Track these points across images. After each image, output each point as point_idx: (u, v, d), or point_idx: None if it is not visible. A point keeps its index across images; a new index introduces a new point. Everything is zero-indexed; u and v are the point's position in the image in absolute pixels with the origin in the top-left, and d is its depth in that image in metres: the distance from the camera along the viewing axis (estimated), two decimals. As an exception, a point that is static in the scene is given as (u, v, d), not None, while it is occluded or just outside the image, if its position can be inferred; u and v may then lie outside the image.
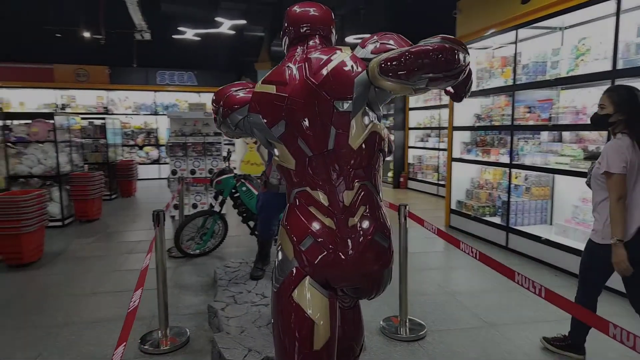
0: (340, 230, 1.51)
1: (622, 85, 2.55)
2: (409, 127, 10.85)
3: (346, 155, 1.53)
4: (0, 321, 3.39)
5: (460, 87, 1.66)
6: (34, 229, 4.68)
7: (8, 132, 6.48)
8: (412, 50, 1.39)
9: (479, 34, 5.88)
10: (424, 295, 3.90)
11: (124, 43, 10.67)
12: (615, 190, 2.32)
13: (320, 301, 1.50)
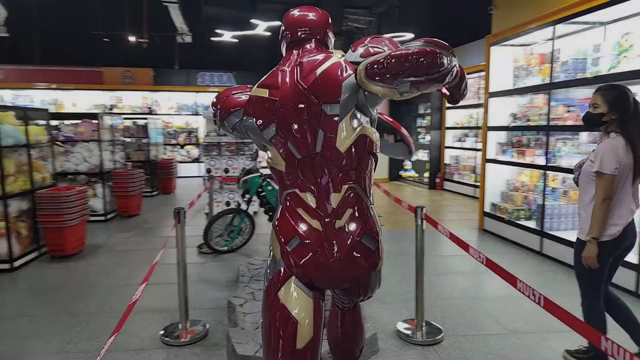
0: (327, 232, 1.52)
1: (615, 84, 2.52)
2: (445, 126, 10.60)
3: (334, 158, 1.54)
4: (40, 308, 3.65)
5: (455, 90, 1.64)
6: (76, 223, 4.98)
7: (57, 132, 6.93)
8: (393, 54, 1.38)
9: (516, 31, 5.66)
10: (446, 300, 3.82)
11: (166, 46, 11.12)
12: (603, 190, 2.33)
13: (305, 301, 1.53)
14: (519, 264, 4.82)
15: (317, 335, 1.54)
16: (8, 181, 4.49)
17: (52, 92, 11.78)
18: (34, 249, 4.93)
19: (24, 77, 11.40)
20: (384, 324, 3.37)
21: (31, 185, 4.90)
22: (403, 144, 3.42)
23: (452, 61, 1.39)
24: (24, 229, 4.80)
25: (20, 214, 4.76)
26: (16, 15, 9.66)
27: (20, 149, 4.83)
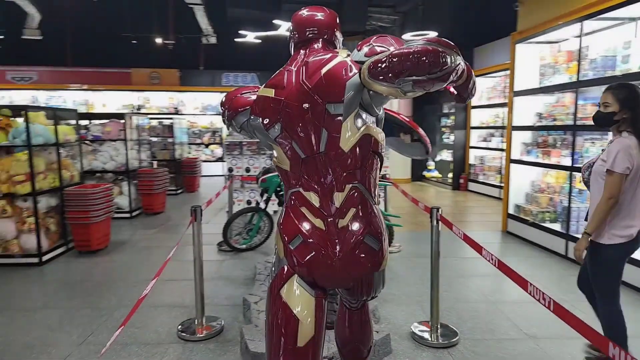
0: (330, 232, 1.52)
1: (626, 83, 2.49)
2: (470, 126, 10.41)
3: (338, 157, 1.54)
4: (65, 301, 3.78)
5: (462, 89, 1.61)
6: (101, 220, 5.14)
7: (86, 131, 7.17)
8: (394, 52, 1.37)
9: (542, 27, 5.50)
10: (464, 302, 3.75)
11: (192, 47, 11.34)
12: (610, 188, 2.29)
13: (307, 300, 1.53)
14: (543, 268, 4.68)
15: (318, 333, 1.54)
16: (38, 179, 4.68)
17: (83, 92, 12.19)
18: (62, 244, 5.11)
19: (57, 78, 11.85)
20: (399, 325, 3.34)
21: (60, 183, 5.08)
22: (420, 143, 3.39)
23: (456, 60, 1.36)
24: (53, 225, 4.98)
25: (49, 210, 4.94)
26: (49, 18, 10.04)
27: (50, 147, 5.02)
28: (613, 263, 2.38)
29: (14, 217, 4.65)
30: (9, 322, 3.37)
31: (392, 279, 4.32)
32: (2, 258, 4.64)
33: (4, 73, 11.45)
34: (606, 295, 2.42)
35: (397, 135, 3.45)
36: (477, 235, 5.72)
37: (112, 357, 2.86)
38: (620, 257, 2.38)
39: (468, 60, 8.22)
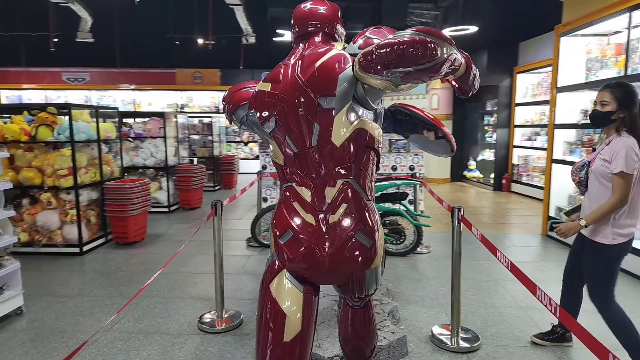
0: (321, 227, 1.50)
1: (623, 82, 2.44)
2: (514, 124, 9.97)
3: (329, 152, 1.52)
4: (99, 290, 3.98)
5: (462, 82, 1.55)
6: (138, 213, 5.36)
7: (129, 129, 7.51)
8: (380, 43, 1.32)
9: (589, 19, 5.17)
10: (491, 307, 3.60)
11: (232, 47, 11.59)
12: (623, 190, 2.25)
13: (296, 295, 1.52)
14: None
15: (306, 329, 1.52)
16: (80, 173, 4.94)
17: (131, 92, 12.78)
18: (101, 236, 5.38)
19: (107, 79, 12.50)
20: (419, 327, 3.25)
21: (101, 177, 5.35)
22: (445, 141, 3.28)
23: (448, 50, 1.30)
24: (93, 217, 5.26)
25: (90, 203, 5.22)
26: (100, 22, 10.59)
27: (92, 143, 5.29)
28: (615, 262, 2.39)
29: (58, 209, 4.94)
30: (46, 307, 3.59)
31: (418, 280, 4.22)
32: (46, 247, 4.95)
33: (59, 74, 12.22)
34: (604, 295, 2.40)
35: (421, 132, 3.37)
36: (515, 238, 5.49)
37: (134, 345, 2.98)
38: (620, 256, 2.39)
39: (513, 56, 7.92)
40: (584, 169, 2.43)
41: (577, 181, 2.49)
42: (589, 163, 2.43)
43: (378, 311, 3.19)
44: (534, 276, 4.55)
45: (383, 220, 4.91)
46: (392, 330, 2.92)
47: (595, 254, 2.43)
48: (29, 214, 4.94)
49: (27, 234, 4.93)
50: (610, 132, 2.40)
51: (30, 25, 10.73)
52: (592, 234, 2.43)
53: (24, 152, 5.00)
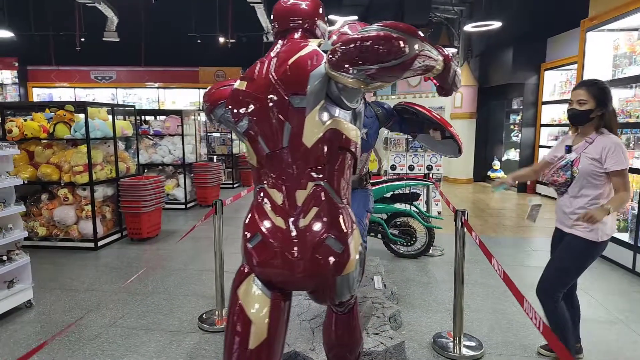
0: (290, 231, 1.45)
1: (598, 80, 2.43)
2: (540, 123, 9.61)
3: (300, 153, 1.46)
4: (107, 285, 4.05)
5: (441, 80, 1.47)
6: (151, 209, 5.45)
7: (148, 126, 7.64)
8: (344, 39, 1.25)
9: (617, 12, 4.91)
10: (502, 314, 3.46)
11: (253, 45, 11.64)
12: (628, 185, 2.28)
13: (262, 301, 1.47)
14: (602, 280, 4.19)
15: (272, 337, 1.47)
16: (95, 169, 5.05)
17: (155, 90, 13.04)
18: (117, 231, 5.49)
19: (132, 77, 12.79)
20: (422, 333, 3.15)
21: (116, 174, 5.45)
22: (453, 141, 3.17)
23: (419, 47, 1.22)
24: (109, 213, 5.37)
25: (106, 199, 5.33)
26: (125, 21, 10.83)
27: (108, 141, 5.40)
28: (591, 260, 2.42)
29: (74, 205, 5.07)
30: (55, 301, 3.67)
31: (427, 284, 4.11)
32: (63, 241, 5.09)
33: (88, 73, 12.59)
34: (558, 290, 2.42)
35: (427, 131, 3.26)
36: (535, 242, 5.30)
37: (133, 342, 3.00)
38: (598, 254, 2.43)
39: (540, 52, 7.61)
40: (568, 169, 2.37)
41: (562, 182, 2.41)
42: (572, 163, 2.36)
43: (379, 315, 3.11)
44: None
45: (394, 222, 4.81)
46: (390, 336, 2.84)
47: (577, 248, 2.40)
48: (47, 209, 5.08)
49: (45, 228, 5.08)
50: (588, 131, 2.40)
51: (59, 25, 11.09)
52: (577, 230, 2.38)
53: (43, 149, 5.15)
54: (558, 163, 2.42)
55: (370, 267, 4.13)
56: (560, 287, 2.43)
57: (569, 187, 2.39)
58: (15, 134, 4.97)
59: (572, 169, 2.34)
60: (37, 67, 12.39)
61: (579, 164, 2.34)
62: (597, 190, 2.34)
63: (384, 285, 3.71)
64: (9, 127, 4.96)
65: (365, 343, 2.74)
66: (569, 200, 2.42)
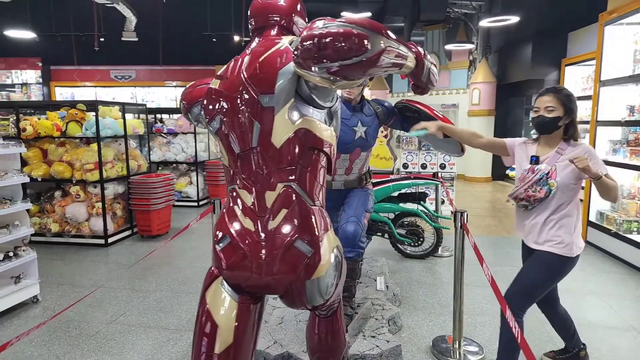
0: (259, 233, 1.41)
1: (563, 87, 2.31)
2: (561, 121, 9.31)
3: (269, 153, 1.42)
4: (113, 281, 4.11)
5: (416, 78, 1.42)
6: (161, 207, 5.50)
7: (162, 125, 7.73)
8: (303, 36, 1.21)
9: (635, 5, 4.69)
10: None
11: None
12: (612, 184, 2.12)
13: (230, 305, 1.44)
14: (620, 285, 4.03)
15: (239, 342, 1.44)
16: (105, 167, 5.13)
17: (173, 89, 13.19)
18: (127, 228, 5.58)
19: (151, 76, 12.97)
20: (422, 336, 3.08)
21: (127, 172, 5.53)
22: (454, 140, 3.09)
23: (384, 44, 1.17)
24: (119, 210, 5.45)
25: (116, 196, 5.41)
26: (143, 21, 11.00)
27: (119, 139, 5.48)
28: (561, 276, 2.28)
29: (85, 202, 5.16)
30: (61, 296, 3.74)
31: (432, 285, 4.02)
32: (75, 238, 5.20)
33: (108, 72, 12.83)
34: (523, 306, 2.24)
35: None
36: None
37: (131, 339, 3.03)
38: (569, 270, 2.28)
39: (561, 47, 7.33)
40: (545, 183, 2.18)
41: (541, 197, 2.20)
42: (546, 175, 2.18)
43: (377, 317, 3.05)
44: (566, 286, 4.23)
45: (401, 221, 4.72)
46: (387, 339, 2.78)
47: (550, 264, 2.24)
48: (60, 206, 5.19)
49: (58, 224, 5.19)
50: (554, 140, 2.25)
51: (80, 26, 11.32)
52: (550, 246, 2.23)
53: (56, 147, 5.26)
54: (530, 177, 2.21)
55: (374, 267, 4.07)
56: (526, 303, 2.27)
57: (547, 202, 2.21)
58: (29, 132, 5.09)
59: (549, 182, 2.17)
60: (60, 67, 12.70)
61: (556, 176, 2.18)
62: (569, 199, 2.22)
63: (386, 286, 3.64)
64: (23, 126, 5.08)
65: (361, 346, 2.69)
66: (543, 215, 2.25)
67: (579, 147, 2.20)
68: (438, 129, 2.53)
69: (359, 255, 2.99)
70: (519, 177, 2.29)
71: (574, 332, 2.58)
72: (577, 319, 3.19)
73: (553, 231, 2.21)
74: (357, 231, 2.94)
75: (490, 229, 6.14)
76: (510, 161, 2.46)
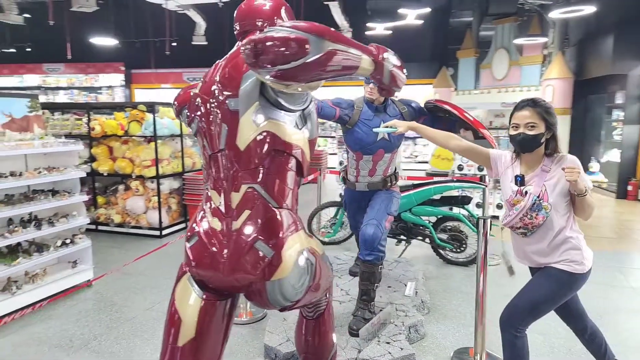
0: (224, 233, 1.45)
1: (539, 98, 2.07)
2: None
3: (234, 155, 1.45)
4: (156, 270, 4.41)
5: (377, 80, 1.38)
6: (212, 203, 5.78)
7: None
8: (244, 41, 1.22)
9: None
10: (541, 335, 3.10)
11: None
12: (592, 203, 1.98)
13: (194, 300, 1.49)
14: None
15: (200, 337, 1.48)
16: (162, 164, 5.50)
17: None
18: (181, 221, 5.94)
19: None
20: (444, 347, 2.95)
21: (182, 169, 5.88)
22: (486, 141, 2.95)
23: (327, 47, 1.14)
24: (174, 204, 5.82)
25: (172, 191, 5.78)
26: (212, 26, 11.60)
27: (176, 138, 5.85)
28: (571, 293, 2.11)
29: (143, 196, 5.58)
30: (111, 282, 4.08)
31: (468, 294, 3.82)
32: (134, 228, 5.64)
33: (181, 74, 13.75)
34: (526, 323, 2.10)
35: (457, 131, 3.05)
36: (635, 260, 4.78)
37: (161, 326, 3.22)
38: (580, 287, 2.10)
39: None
40: (540, 207, 1.97)
41: (539, 223, 2.00)
42: (538, 199, 1.97)
43: (397, 323, 2.98)
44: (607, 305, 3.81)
45: (443, 226, 4.54)
46: (401, 346, 2.70)
47: (560, 281, 2.05)
48: (122, 199, 5.66)
49: (120, 216, 5.66)
50: (536, 157, 2.06)
51: (157, 32, 12.23)
52: (561, 264, 2.04)
53: (120, 144, 5.73)
54: (522, 204, 2.00)
55: (408, 272, 3.96)
56: (529, 319, 2.09)
57: (546, 227, 2.01)
58: (98, 131, 5.61)
59: (543, 205, 1.97)
60: (139, 71, 13.83)
61: (547, 197, 1.98)
62: (567, 218, 2.04)
63: (415, 292, 3.53)
64: (93, 125, 5.61)
65: (372, 351, 2.64)
66: (545, 241, 2.05)
67: (565, 160, 2.01)
68: (408, 128, 2.38)
69: (379, 259, 2.93)
70: (507, 199, 2.11)
71: (605, 349, 2.33)
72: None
73: (559, 253, 2.04)
74: (376, 234, 2.88)
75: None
76: (492, 174, 2.27)
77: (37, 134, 3.83)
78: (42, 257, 3.53)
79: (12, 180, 3.35)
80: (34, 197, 3.58)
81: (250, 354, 2.88)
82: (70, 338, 3.06)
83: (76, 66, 13.98)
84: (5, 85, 15.09)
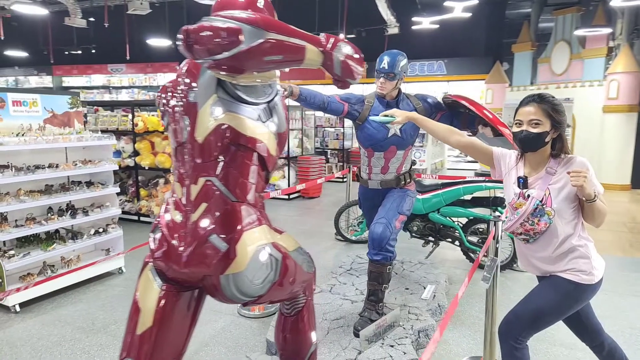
0: (183, 225, 1.46)
1: (547, 94, 1.90)
2: None
3: (193, 147, 1.46)
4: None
5: (329, 71, 1.32)
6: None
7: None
8: (180, 30, 1.19)
9: None
10: (549, 344, 2.92)
11: (375, 39, 11.55)
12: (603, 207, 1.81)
13: (152, 290, 1.52)
14: None
15: (157, 326, 1.49)
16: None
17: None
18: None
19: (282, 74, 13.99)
20: (455, 353, 2.82)
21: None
22: (505, 138, 2.81)
23: (262, 36, 1.11)
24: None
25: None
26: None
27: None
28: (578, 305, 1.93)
29: (180, 189, 5.81)
30: (141, 270, 4.28)
31: (494, 300, 3.61)
32: (171, 220, 5.89)
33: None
34: (527, 334, 1.94)
35: (475, 128, 2.90)
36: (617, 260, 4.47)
37: (178, 314, 3.34)
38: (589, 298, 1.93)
39: None
40: (542, 213, 1.80)
41: (542, 230, 1.83)
42: (540, 204, 1.80)
43: (405, 327, 2.87)
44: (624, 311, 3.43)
45: (473, 228, 4.32)
46: (405, 350, 2.60)
47: (568, 292, 1.87)
48: (162, 192, 5.93)
49: (159, 208, 5.94)
50: (541, 157, 1.89)
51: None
52: (568, 273, 1.86)
53: (161, 140, 6.00)
54: (523, 208, 1.84)
55: (430, 274, 3.82)
56: (531, 330, 1.93)
57: (550, 234, 1.85)
58: (141, 127, 5.91)
59: (546, 210, 1.80)
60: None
61: (551, 202, 1.80)
62: (574, 225, 1.87)
63: (433, 295, 3.39)
64: (137, 122, 5.92)
65: (374, 353, 2.57)
66: (550, 249, 1.88)
67: (574, 162, 1.82)
68: (407, 118, 2.29)
69: (387, 259, 2.85)
70: (509, 202, 1.95)
71: None
72: None
73: (565, 261, 1.87)
74: (384, 233, 2.80)
75: (602, 245, 5.23)
76: (496, 174, 2.10)
77: (77, 128, 4.09)
78: (75, 244, 3.78)
79: (49, 172, 3.60)
80: (70, 188, 3.83)
81: (255, 348, 2.91)
82: (93, 321, 3.25)
83: (136, 66, 14.84)
84: (76, 84, 16.38)
